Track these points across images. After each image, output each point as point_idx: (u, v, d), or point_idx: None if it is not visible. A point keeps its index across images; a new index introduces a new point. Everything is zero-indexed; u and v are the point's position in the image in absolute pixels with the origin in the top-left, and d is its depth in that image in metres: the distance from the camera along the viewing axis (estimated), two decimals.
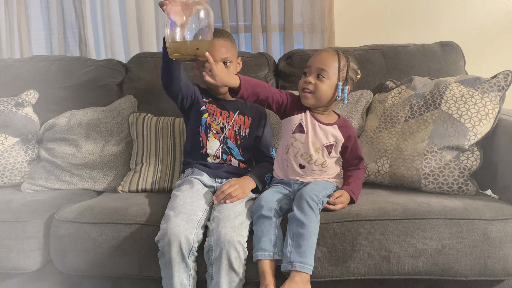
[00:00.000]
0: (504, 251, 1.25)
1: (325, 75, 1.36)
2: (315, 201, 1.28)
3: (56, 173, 1.71)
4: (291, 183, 1.42)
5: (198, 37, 1.21)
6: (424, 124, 1.54)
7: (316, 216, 1.27)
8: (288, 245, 1.24)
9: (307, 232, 1.23)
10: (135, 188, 1.65)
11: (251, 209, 1.34)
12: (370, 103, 1.77)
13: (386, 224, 1.28)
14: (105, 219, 1.37)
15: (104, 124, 1.81)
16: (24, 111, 1.85)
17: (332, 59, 1.37)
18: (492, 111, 1.47)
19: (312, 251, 1.24)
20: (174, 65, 1.37)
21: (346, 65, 1.38)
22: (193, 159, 1.55)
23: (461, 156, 1.47)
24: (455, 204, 1.34)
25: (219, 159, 1.53)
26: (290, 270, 1.21)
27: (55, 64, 2.03)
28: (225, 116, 1.56)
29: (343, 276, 1.29)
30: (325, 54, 1.39)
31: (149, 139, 1.74)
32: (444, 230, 1.26)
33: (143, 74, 1.99)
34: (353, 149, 1.45)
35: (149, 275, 1.35)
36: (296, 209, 1.27)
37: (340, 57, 1.37)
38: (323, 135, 1.40)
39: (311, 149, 1.39)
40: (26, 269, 1.41)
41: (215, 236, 1.24)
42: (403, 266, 1.27)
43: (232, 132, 1.55)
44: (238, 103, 1.58)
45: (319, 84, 1.36)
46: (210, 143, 1.53)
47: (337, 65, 1.36)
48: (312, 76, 1.37)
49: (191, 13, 1.17)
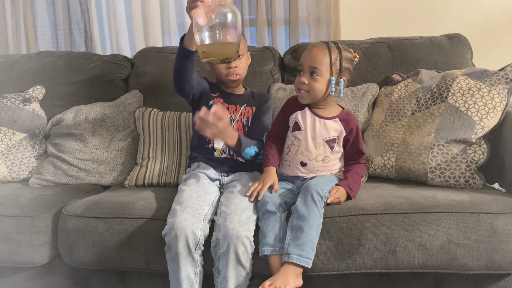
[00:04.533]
0: (511, 245, 1.24)
1: (318, 72, 1.35)
2: (320, 195, 1.27)
3: (63, 168, 1.73)
4: (294, 180, 1.42)
5: (227, 39, 1.19)
6: (430, 117, 1.53)
7: (319, 210, 1.26)
8: (288, 237, 1.25)
9: (307, 225, 1.23)
10: (142, 183, 1.66)
11: (257, 203, 1.35)
12: (376, 97, 1.76)
13: (392, 218, 1.27)
14: (112, 214, 1.38)
15: (110, 119, 1.82)
16: (31, 106, 1.86)
17: (322, 55, 1.35)
18: (500, 104, 1.46)
19: (310, 244, 1.23)
20: (189, 66, 1.38)
21: (338, 57, 1.36)
22: (199, 153, 1.55)
23: (468, 150, 1.46)
24: (461, 197, 1.33)
25: (225, 154, 1.53)
26: (286, 261, 1.21)
27: (61, 60, 2.04)
28: (233, 109, 1.57)
29: (349, 269, 1.29)
30: (315, 51, 1.36)
31: (156, 134, 1.75)
32: (450, 223, 1.26)
33: (149, 69, 2.00)
34: (354, 143, 1.43)
35: (156, 269, 1.36)
36: (299, 201, 1.27)
37: (331, 50, 1.35)
38: (323, 129, 1.40)
39: (310, 145, 1.39)
40: (35, 263, 1.42)
41: (222, 231, 1.24)
42: (410, 260, 1.26)
43: (240, 125, 1.56)
44: (245, 97, 1.60)
45: (312, 84, 1.36)
46: None
47: (328, 60, 1.35)
48: (306, 76, 1.37)
49: (217, 15, 1.17)
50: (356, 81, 1.85)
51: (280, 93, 1.83)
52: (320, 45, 1.38)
